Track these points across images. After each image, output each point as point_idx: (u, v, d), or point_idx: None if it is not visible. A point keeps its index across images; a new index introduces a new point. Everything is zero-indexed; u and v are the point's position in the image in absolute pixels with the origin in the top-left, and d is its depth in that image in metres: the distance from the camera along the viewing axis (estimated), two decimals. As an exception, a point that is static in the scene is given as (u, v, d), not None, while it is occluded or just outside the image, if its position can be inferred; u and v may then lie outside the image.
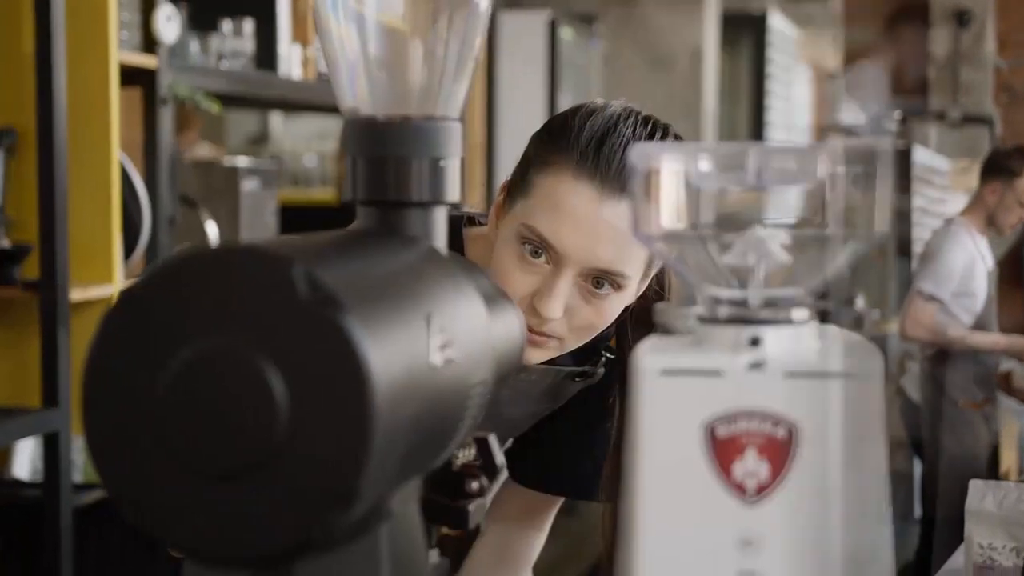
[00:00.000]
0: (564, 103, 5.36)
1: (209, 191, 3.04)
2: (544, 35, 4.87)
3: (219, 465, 0.62)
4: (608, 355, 1.43)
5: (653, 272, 1.33)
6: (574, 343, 1.29)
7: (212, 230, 2.94)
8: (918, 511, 4.91)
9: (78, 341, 2.36)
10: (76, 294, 2.41)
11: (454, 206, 0.85)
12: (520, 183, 1.28)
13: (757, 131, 7.50)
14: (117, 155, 2.50)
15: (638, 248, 1.23)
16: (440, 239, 0.83)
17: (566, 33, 4.98)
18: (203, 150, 4.45)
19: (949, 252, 4.13)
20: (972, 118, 9.12)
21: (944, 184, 7.87)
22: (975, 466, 4.23)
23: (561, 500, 1.56)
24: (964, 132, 8.93)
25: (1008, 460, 6.96)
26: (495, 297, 0.87)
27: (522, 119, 3.86)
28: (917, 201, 7.12)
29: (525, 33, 4.82)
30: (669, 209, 0.73)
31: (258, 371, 0.61)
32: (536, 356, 1.29)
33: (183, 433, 0.62)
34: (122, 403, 0.63)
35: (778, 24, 7.57)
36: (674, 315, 0.77)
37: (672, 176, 0.72)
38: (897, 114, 6.57)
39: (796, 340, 0.70)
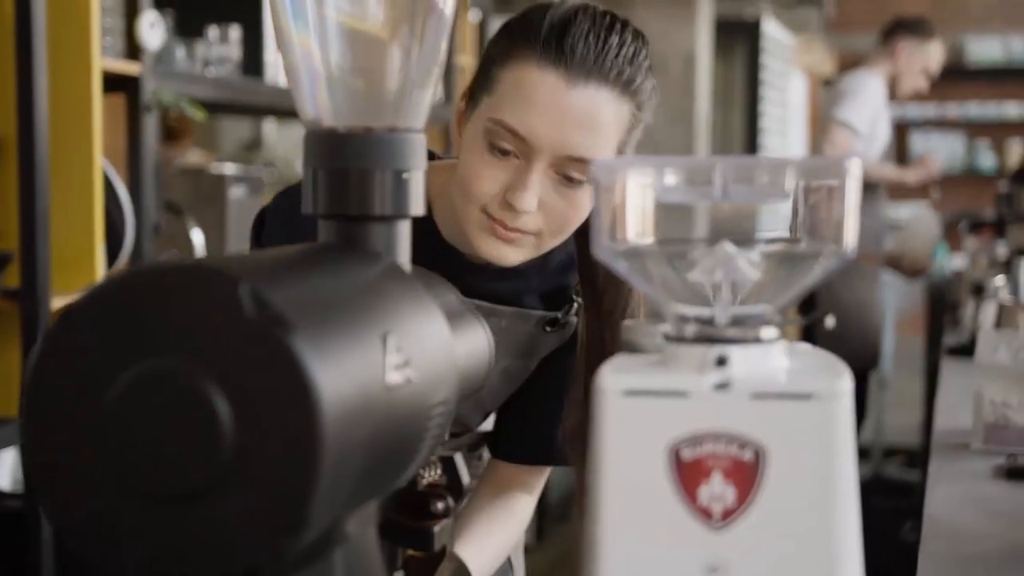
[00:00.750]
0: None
1: (197, 198, 3.02)
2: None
3: (163, 489, 0.60)
4: (578, 301, 1.41)
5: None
6: (550, 241, 1.28)
7: (198, 238, 2.91)
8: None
9: (59, 350, 2.34)
10: (58, 303, 2.38)
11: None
12: (483, 82, 1.28)
13: (751, 137, 7.47)
14: (100, 162, 2.47)
15: (609, 135, 1.24)
16: (404, 253, 0.81)
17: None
18: (195, 156, 4.42)
19: (865, 87, 4.23)
20: None
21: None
22: (871, 320, 4.26)
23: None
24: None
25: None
26: (460, 313, 0.85)
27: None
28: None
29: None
30: (634, 224, 0.71)
31: (203, 392, 0.59)
32: (512, 254, 1.28)
33: (126, 456, 0.60)
34: (64, 424, 0.61)
35: (772, 30, 7.55)
36: (641, 333, 0.75)
37: (637, 190, 0.70)
38: None
39: (764, 359, 0.68)
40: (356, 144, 0.79)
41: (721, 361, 0.67)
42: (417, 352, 0.70)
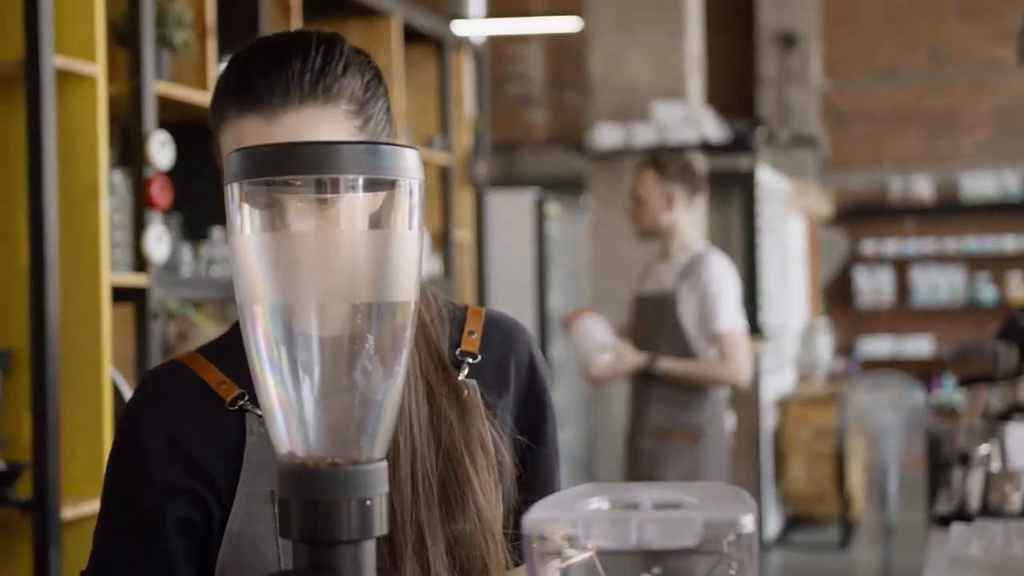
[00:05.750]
0: (555, 275, 5.49)
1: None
2: (532, 212, 5.01)
3: None
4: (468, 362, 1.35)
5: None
6: None
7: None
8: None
9: (70, 560, 2.43)
10: (68, 512, 2.47)
11: None
12: (218, 156, 1.26)
13: (751, 284, 7.61)
14: (108, 372, 2.59)
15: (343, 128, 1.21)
16: (368, 570, 0.91)
17: (552, 208, 5.12)
18: (209, 330, 4.53)
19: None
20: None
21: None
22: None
23: None
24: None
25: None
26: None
27: (514, 296, 3.97)
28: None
29: (514, 211, 4.96)
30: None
31: None
32: None
33: None
34: None
35: (767, 178, 7.73)
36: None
37: (562, 538, 0.80)
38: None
39: None
40: (324, 478, 0.90)
41: None
42: None
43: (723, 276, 4.03)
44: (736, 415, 6.65)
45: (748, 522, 0.77)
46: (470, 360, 1.34)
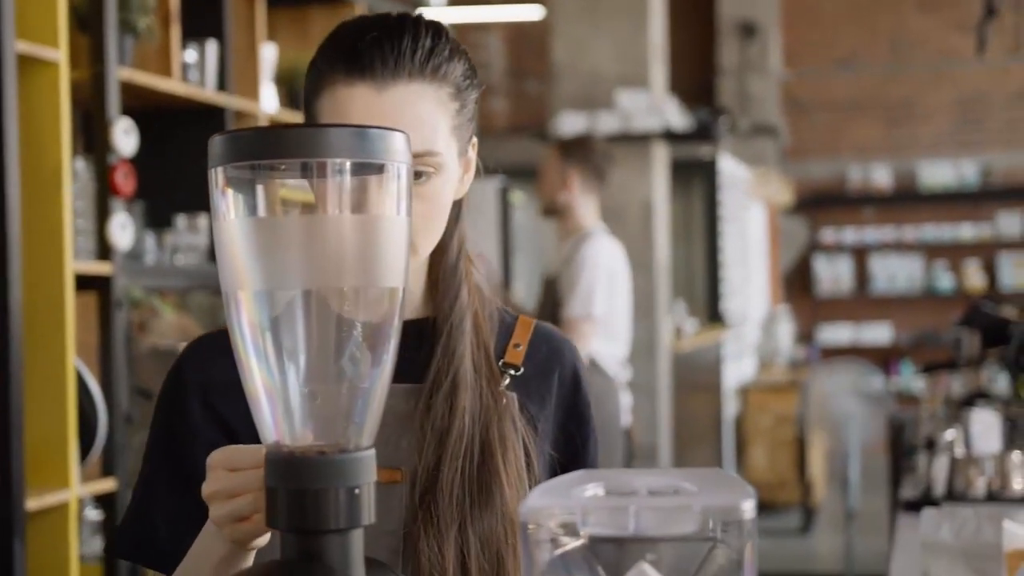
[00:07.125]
0: (519, 263, 5.49)
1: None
2: (496, 200, 5.00)
3: None
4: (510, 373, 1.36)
5: (472, 148, 1.32)
6: (424, 242, 1.26)
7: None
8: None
9: (34, 552, 2.39)
10: (32, 503, 2.44)
11: None
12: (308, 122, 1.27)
13: (712, 271, 7.64)
14: (72, 362, 2.56)
15: (435, 124, 1.24)
16: (357, 559, 0.89)
17: (517, 197, 5.11)
18: (171, 318, 4.49)
19: None
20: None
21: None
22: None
23: None
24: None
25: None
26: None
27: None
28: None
29: (477, 200, 4.94)
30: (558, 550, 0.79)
31: None
32: None
33: None
34: None
35: (728, 167, 7.76)
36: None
37: (560, 527, 0.79)
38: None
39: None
40: (311, 467, 0.88)
41: None
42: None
43: (592, 261, 3.89)
44: (696, 403, 6.69)
45: (747, 508, 0.76)
46: (512, 372, 1.34)
